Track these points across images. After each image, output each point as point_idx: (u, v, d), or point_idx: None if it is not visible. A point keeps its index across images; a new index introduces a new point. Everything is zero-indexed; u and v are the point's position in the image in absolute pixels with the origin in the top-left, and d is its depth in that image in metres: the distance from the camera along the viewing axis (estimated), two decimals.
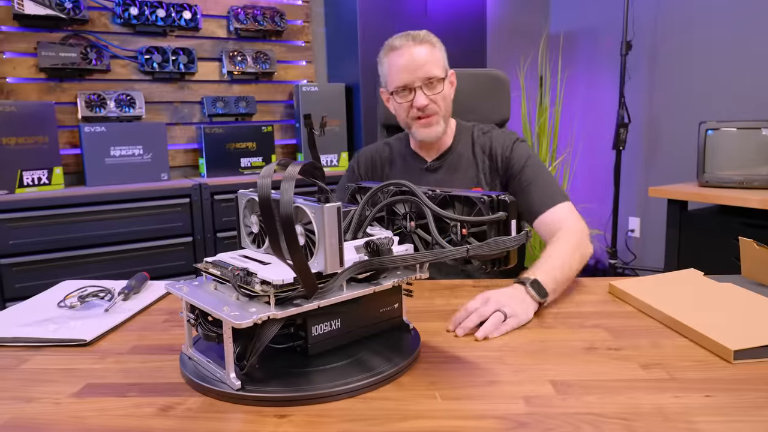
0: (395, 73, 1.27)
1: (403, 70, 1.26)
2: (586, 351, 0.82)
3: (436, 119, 1.30)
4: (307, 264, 0.65)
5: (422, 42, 1.26)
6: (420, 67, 1.25)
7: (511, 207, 0.73)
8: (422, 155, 1.40)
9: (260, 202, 0.61)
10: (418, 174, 1.39)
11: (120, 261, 2.28)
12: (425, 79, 1.25)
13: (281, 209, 0.60)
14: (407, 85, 1.26)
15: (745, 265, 1.12)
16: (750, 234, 1.15)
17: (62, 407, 0.68)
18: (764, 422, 0.61)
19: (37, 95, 2.47)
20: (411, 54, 1.25)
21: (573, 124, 3.66)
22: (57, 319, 0.98)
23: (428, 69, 1.25)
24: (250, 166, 2.75)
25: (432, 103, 1.28)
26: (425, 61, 1.25)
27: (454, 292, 1.12)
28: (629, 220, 3.35)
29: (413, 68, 1.25)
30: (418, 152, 1.41)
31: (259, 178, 0.62)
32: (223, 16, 2.84)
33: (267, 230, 0.62)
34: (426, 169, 1.38)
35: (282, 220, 0.61)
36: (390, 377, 0.72)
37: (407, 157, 1.42)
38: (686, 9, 2.92)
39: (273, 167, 0.64)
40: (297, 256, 0.62)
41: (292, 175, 0.62)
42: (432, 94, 1.27)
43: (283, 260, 0.65)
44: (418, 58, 1.25)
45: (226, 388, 0.69)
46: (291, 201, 0.61)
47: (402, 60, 1.26)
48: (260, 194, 0.61)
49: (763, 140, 2.28)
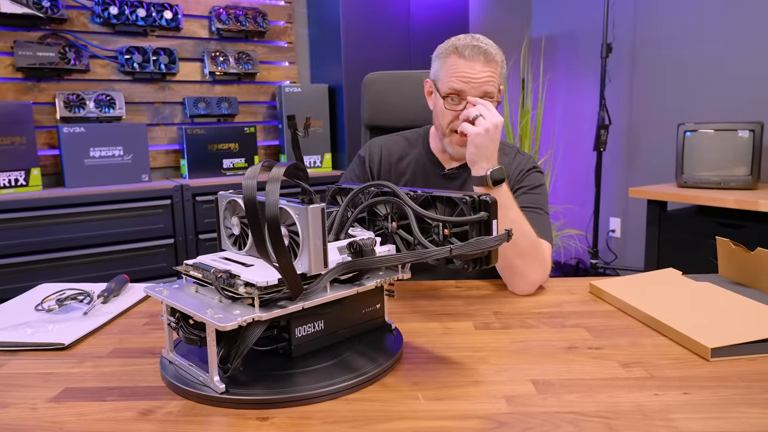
0: (454, 78, 1.21)
1: (463, 80, 1.20)
2: (567, 350, 0.82)
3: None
4: (293, 265, 0.65)
5: (491, 61, 1.21)
6: (481, 86, 1.20)
7: (492, 207, 0.74)
8: (442, 161, 1.36)
9: (246, 203, 0.61)
10: (435, 179, 1.36)
11: (100, 263, 2.24)
12: (481, 94, 1.20)
13: (267, 211, 0.60)
14: (461, 94, 1.21)
15: (722, 265, 1.14)
16: (727, 233, 1.17)
17: (39, 413, 0.67)
18: (741, 418, 0.62)
19: (14, 95, 2.42)
20: (477, 69, 1.20)
21: (554, 126, 3.70)
22: (34, 322, 0.96)
23: (487, 89, 1.21)
24: (233, 168, 2.73)
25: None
26: (487, 79, 1.20)
27: (436, 293, 1.12)
28: (610, 221, 3.39)
29: (475, 84, 1.19)
30: (438, 157, 1.37)
31: (245, 180, 0.62)
32: (204, 16, 2.82)
33: (252, 232, 0.62)
34: (444, 176, 1.35)
35: (268, 221, 0.60)
36: (372, 378, 0.72)
37: (426, 160, 1.37)
38: (665, 13, 2.97)
39: (258, 168, 0.64)
40: (283, 258, 0.62)
41: (277, 176, 0.62)
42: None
43: (269, 262, 0.64)
44: (483, 74, 1.20)
45: (208, 391, 0.68)
46: (277, 202, 0.61)
47: (465, 70, 1.20)
48: (246, 196, 0.61)
49: (739, 141, 2.33)
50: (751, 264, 1.06)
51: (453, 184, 1.36)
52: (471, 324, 0.94)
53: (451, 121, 1.24)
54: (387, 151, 1.40)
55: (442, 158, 1.37)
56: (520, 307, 1.02)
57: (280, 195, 0.63)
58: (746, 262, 1.07)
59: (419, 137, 1.41)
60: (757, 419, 0.62)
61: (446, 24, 2.98)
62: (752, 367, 0.75)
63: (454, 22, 2.99)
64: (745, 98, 2.62)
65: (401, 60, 2.89)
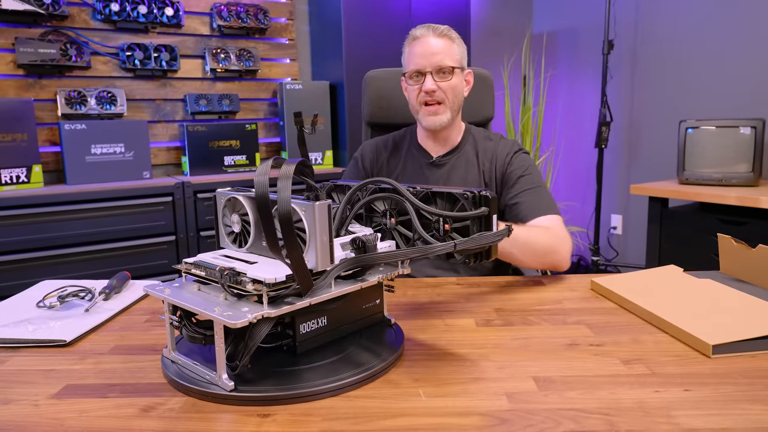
0: (411, 58, 1.36)
1: (418, 55, 1.34)
2: (568, 347, 0.82)
3: (443, 109, 1.35)
4: (305, 261, 0.65)
5: (441, 35, 1.34)
6: (434, 55, 1.32)
7: (492, 202, 0.75)
8: (428, 150, 1.43)
9: (258, 199, 0.61)
10: (422, 168, 1.42)
11: (101, 260, 2.25)
12: (437, 66, 1.32)
13: (280, 207, 0.60)
14: (419, 71, 1.34)
15: (723, 261, 1.14)
16: (728, 230, 1.17)
17: (41, 409, 0.67)
18: (742, 415, 0.62)
19: (15, 92, 2.42)
20: (428, 43, 1.33)
21: (556, 122, 3.70)
22: (36, 319, 0.96)
23: (441, 58, 1.32)
24: (234, 165, 2.73)
25: (440, 91, 1.33)
26: (439, 51, 1.33)
27: (436, 289, 1.12)
28: (611, 218, 3.39)
29: (427, 55, 1.32)
30: (424, 146, 1.44)
31: (256, 176, 0.62)
32: (205, 13, 2.82)
33: (264, 228, 0.62)
34: (431, 164, 1.42)
35: (281, 217, 0.60)
36: (374, 375, 0.72)
37: (413, 150, 1.45)
38: (666, 9, 2.96)
39: (269, 165, 0.64)
40: (295, 254, 0.62)
41: (288, 173, 0.62)
42: (441, 81, 1.33)
43: (281, 258, 0.64)
44: (434, 47, 1.33)
45: (210, 387, 0.68)
46: (289, 198, 0.61)
47: (419, 47, 1.34)
48: (258, 192, 0.61)
49: (741, 138, 2.33)
50: (752, 261, 1.06)
51: (441, 170, 1.41)
52: (472, 321, 0.94)
53: (417, 95, 1.36)
54: (377, 149, 1.48)
55: (428, 147, 1.44)
56: (521, 304, 1.02)
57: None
58: (748, 258, 1.07)
59: (406, 134, 1.50)
60: (759, 416, 0.62)
61: (447, 21, 2.94)
62: (753, 363, 0.75)
63: (455, 19, 2.98)
64: (747, 95, 2.62)
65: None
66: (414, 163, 1.43)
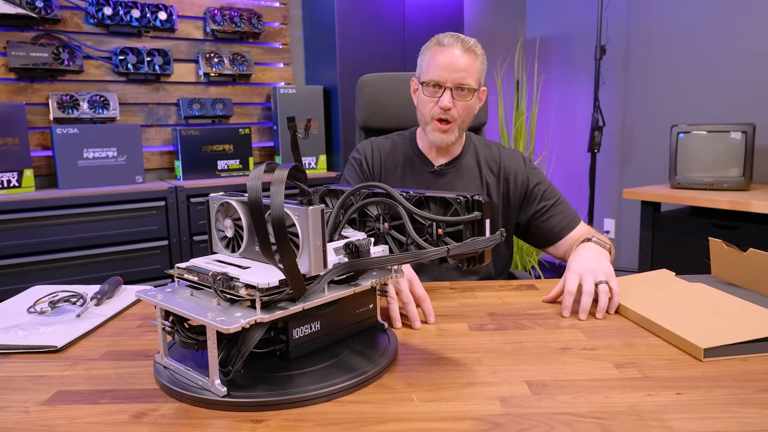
0: (433, 66, 1.28)
1: (441, 67, 1.27)
2: (561, 351, 0.83)
3: (453, 127, 1.30)
4: (298, 266, 0.64)
5: (468, 50, 1.27)
6: (457, 71, 1.26)
7: (485, 207, 0.75)
8: (429, 158, 1.39)
9: (251, 204, 0.61)
10: (425, 176, 1.39)
11: (93, 265, 2.23)
12: (458, 84, 1.26)
13: (273, 211, 0.60)
14: (439, 83, 1.28)
15: (714, 265, 1.15)
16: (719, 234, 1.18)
17: (31, 416, 0.67)
18: (733, 418, 0.62)
19: (7, 96, 2.41)
20: (454, 56, 1.26)
21: (549, 127, 3.71)
22: (26, 325, 0.95)
23: (463, 76, 1.26)
24: (227, 169, 2.72)
25: (455, 110, 1.28)
26: (463, 68, 1.26)
27: (430, 294, 1.12)
28: (604, 222, 3.41)
29: (451, 69, 1.26)
30: (426, 154, 1.40)
31: (249, 181, 0.62)
32: (199, 17, 2.82)
33: (258, 233, 0.62)
34: (433, 173, 1.38)
35: (274, 221, 0.60)
36: (367, 380, 0.72)
37: (414, 158, 1.41)
38: (658, 15, 2.99)
39: (262, 170, 0.64)
40: (288, 259, 0.62)
41: (281, 178, 0.62)
42: (459, 100, 1.28)
43: (273, 263, 0.64)
44: (459, 62, 1.26)
45: (203, 393, 0.68)
46: (282, 203, 0.61)
47: (444, 58, 1.27)
48: (251, 197, 0.61)
49: (732, 143, 2.35)
50: (743, 265, 1.06)
51: (442, 180, 1.39)
52: (466, 325, 0.94)
53: (431, 108, 1.30)
54: (379, 150, 1.44)
55: (429, 156, 1.40)
56: (514, 309, 1.03)
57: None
58: (739, 262, 1.07)
59: (405, 138, 1.45)
60: (750, 419, 0.62)
61: (441, 26, 2.98)
62: (744, 367, 0.76)
63: (448, 24, 2.99)
64: (738, 100, 2.64)
65: (396, 62, 2.89)
66: (414, 170, 1.40)
